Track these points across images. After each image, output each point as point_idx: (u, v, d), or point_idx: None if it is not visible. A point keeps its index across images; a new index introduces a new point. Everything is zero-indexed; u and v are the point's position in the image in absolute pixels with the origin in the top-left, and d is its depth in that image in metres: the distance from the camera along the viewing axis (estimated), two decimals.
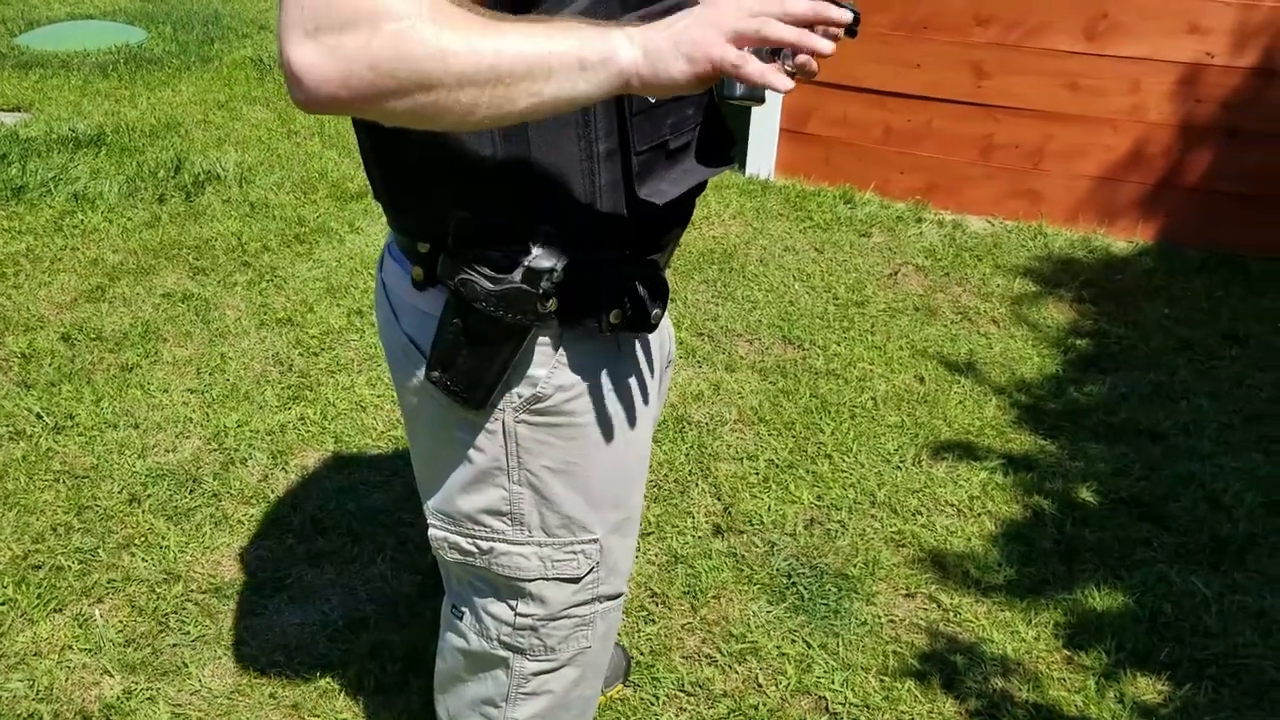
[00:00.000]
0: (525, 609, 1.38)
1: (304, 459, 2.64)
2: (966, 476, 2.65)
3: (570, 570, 1.35)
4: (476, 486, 1.29)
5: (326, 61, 0.87)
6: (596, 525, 1.33)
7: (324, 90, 0.89)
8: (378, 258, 3.67)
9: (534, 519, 1.30)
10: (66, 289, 3.45)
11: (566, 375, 1.22)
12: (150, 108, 5.31)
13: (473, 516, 1.32)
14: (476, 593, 1.41)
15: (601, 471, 1.30)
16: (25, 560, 2.28)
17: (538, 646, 1.43)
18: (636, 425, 1.33)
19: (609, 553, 1.37)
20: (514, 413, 1.23)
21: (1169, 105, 3.85)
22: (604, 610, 1.44)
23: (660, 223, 1.21)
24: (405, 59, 0.88)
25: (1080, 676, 2.08)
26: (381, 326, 1.32)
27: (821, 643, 2.14)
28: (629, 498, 1.37)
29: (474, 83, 0.91)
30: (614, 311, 1.16)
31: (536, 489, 1.28)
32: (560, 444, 1.26)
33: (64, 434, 2.70)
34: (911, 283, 3.70)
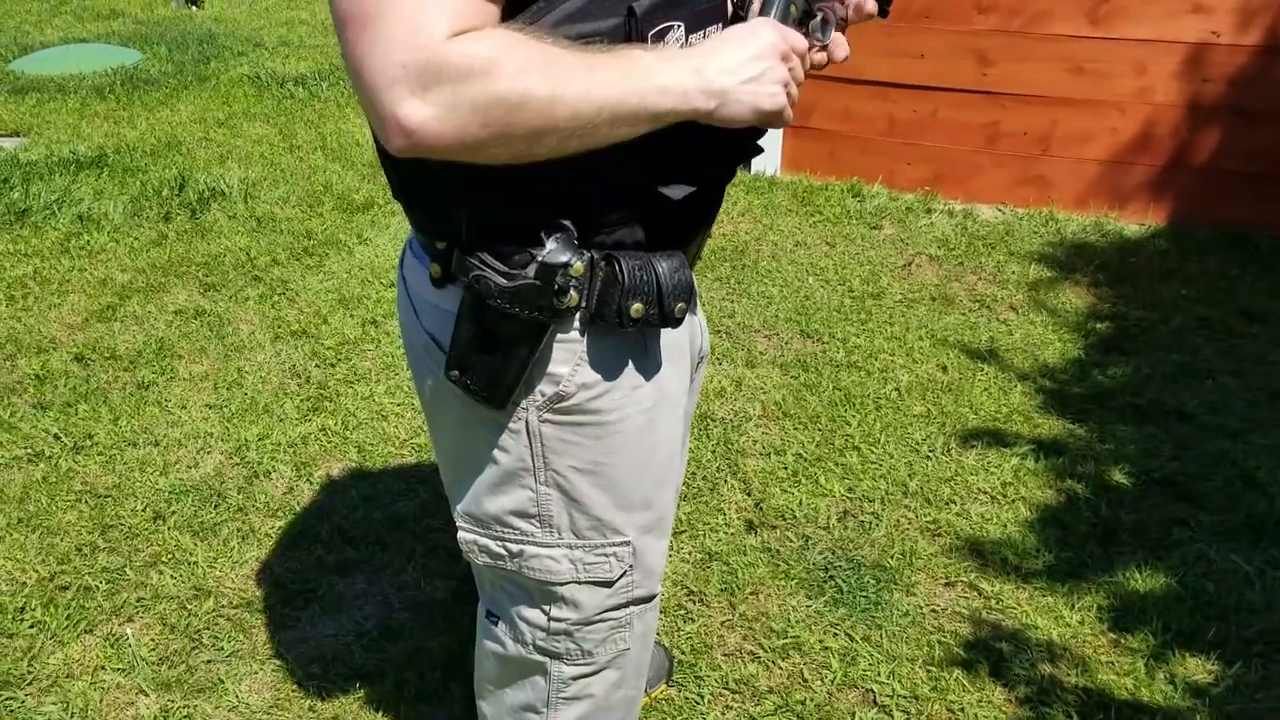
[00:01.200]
0: (559, 613, 1.35)
1: (328, 470, 2.62)
2: (997, 463, 2.63)
3: (603, 574, 1.32)
4: (503, 488, 1.26)
5: (442, 123, 0.91)
6: (628, 527, 1.30)
7: (435, 143, 0.93)
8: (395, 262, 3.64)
9: (563, 521, 1.27)
10: (77, 309, 3.42)
11: (590, 373, 1.19)
12: (150, 128, 5.29)
13: (500, 519, 1.29)
14: (509, 598, 1.38)
15: (631, 471, 1.27)
16: (52, 581, 2.25)
17: (574, 651, 1.40)
18: (666, 423, 1.29)
19: (642, 555, 1.34)
20: (537, 412, 1.20)
21: (1176, 86, 3.84)
22: (640, 612, 1.41)
23: (684, 216, 1.18)
24: (516, 121, 0.94)
25: (1128, 659, 2.05)
26: (403, 325, 1.30)
27: (864, 635, 2.11)
28: (661, 498, 1.34)
29: (575, 135, 0.98)
30: (635, 306, 1.12)
31: (564, 490, 1.25)
32: (587, 444, 1.23)
33: (83, 454, 2.67)
34: (926, 273, 3.68)
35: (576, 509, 1.27)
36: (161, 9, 8.45)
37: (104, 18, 8.18)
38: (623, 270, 1.11)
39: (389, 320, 3.34)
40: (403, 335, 1.32)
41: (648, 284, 1.12)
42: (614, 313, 1.13)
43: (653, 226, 1.15)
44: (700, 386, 1.60)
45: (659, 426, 1.28)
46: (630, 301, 1.12)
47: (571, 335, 1.17)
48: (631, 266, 1.12)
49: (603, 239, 1.13)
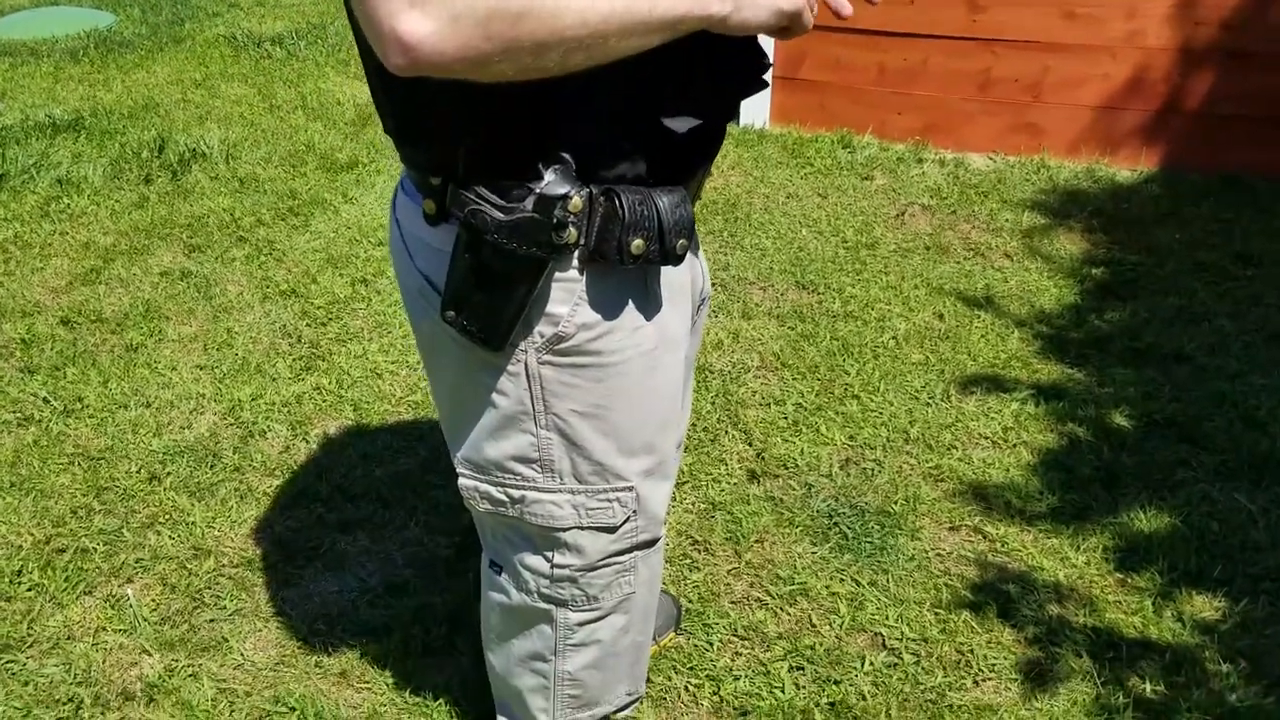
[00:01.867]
0: (561, 560, 1.33)
1: (324, 428, 2.58)
2: (998, 409, 2.62)
3: (606, 519, 1.30)
4: (503, 432, 1.24)
5: (445, 37, 0.87)
6: (630, 471, 1.28)
7: (434, 60, 0.88)
8: (383, 221, 3.59)
9: (565, 465, 1.25)
10: (60, 273, 3.36)
11: (589, 313, 1.16)
12: (126, 90, 5.20)
13: (501, 464, 1.27)
14: (511, 546, 1.36)
15: (633, 414, 1.25)
16: (48, 544, 2.21)
17: (579, 597, 1.38)
18: (668, 366, 1.27)
19: (645, 499, 1.32)
20: (536, 354, 1.17)
21: (1168, 30, 3.81)
22: (644, 556, 1.39)
23: (686, 150, 1.15)
24: (522, 32, 0.89)
25: (1136, 598, 2.05)
26: (397, 267, 1.26)
27: (871, 580, 2.11)
28: (663, 441, 1.32)
29: (582, 46, 0.93)
30: (636, 242, 1.09)
31: (565, 434, 1.23)
32: (587, 386, 1.20)
33: (74, 417, 2.63)
34: (919, 222, 3.66)
35: (578, 453, 1.24)
36: None
37: None
38: (623, 205, 1.08)
39: (379, 279, 3.30)
40: (398, 279, 1.28)
41: (649, 219, 1.09)
42: (614, 249, 1.10)
43: (654, 161, 1.11)
44: (702, 331, 1.57)
45: (661, 368, 1.25)
46: (631, 237, 1.09)
47: (570, 274, 1.14)
48: (632, 201, 1.08)
49: (603, 173, 1.09)
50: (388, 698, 1.85)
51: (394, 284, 3.26)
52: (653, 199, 1.10)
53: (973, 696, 1.85)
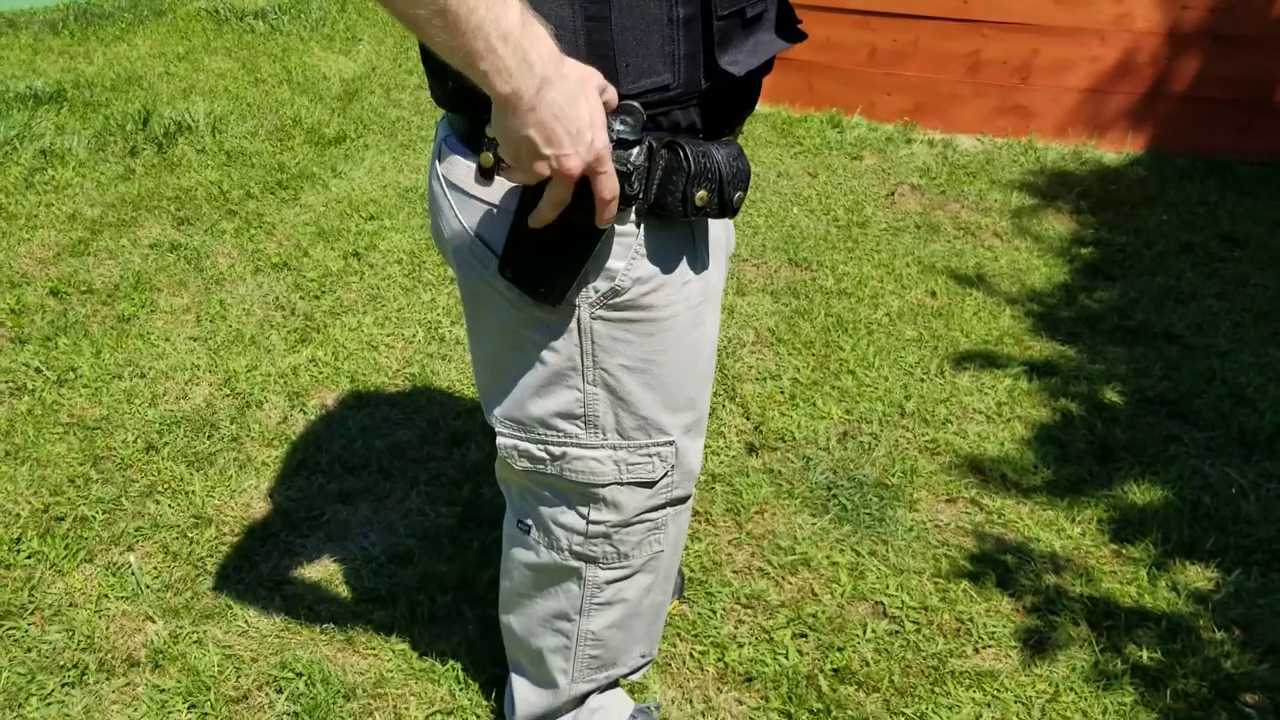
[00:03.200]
0: (598, 515, 1.34)
1: (321, 399, 2.58)
2: (991, 384, 2.65)
3: (645, 474, 1.31)
4: (549, 389, 1.25)
5: None
6: (673, 427, 1.29)
7: None
8: (372, 196, 3.58)
9: (609, 421, 1.26)
10: (48, 244, 3.33)
11: (646, 266, 1.16)
12: (108, 63, 5.14)
13: (544, 421, 1.27)
14: (544, 503, 1.37)
15: (679, 369, 1.26)
16: (46, 512, 2.20)
17: (611, 554, 1.39)
18: (710, 320, 1.28)
19: (684, 454, 1.33)
20: (590, 309, 1.17)
21: (1156, 13, 3.84)
22: (675, 514, 1.41)
23: (736, 99, 1.16)
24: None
25: (1131, 568, 2.08)
26: (441, 229, 1.24)
27: (871, 550, 2.13)
28: (702, 397, 1.33)
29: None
30: (699, 194, 1.09)
31: (612, 389, 1.24)
32: (638, 340, 1.21)
33: (68, 387, 2.61)
34: (909, 202, 3.68)
35: (624, 408, 1.25)
36: None
37: None
38: (687, 156, 1.08)
39: (371, 252, 3.29)
40: (439, 240, 1.27)
41: (711, 170, 1.09)
42: (678, 200, 1.09)
43: (709, 107, 1.12)
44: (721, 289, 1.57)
45: (705, 322, 1.27)
46: (695, 189, 1.09)
47: (628, 228, 1.14)
48: (695, 153, 1.08)
49: (661, 122, 1.10)
50: (394, 664, 1.86)
51: (386, 257, 3.25)
52: (711, 151, 1.10)
53: (973, 663, 1.88)
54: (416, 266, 3.21)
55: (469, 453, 2.38)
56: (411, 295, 3.05)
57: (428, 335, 2.85)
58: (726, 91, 1.12)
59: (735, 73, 1.09)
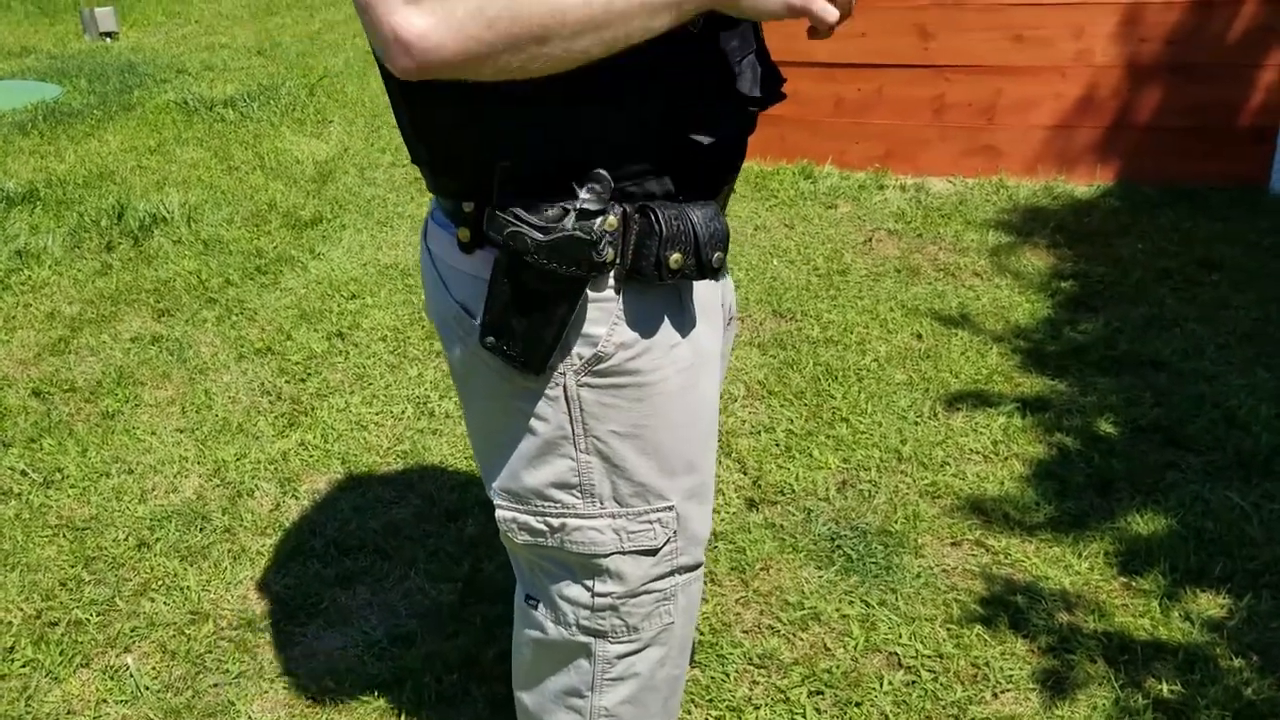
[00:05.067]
0: (603, 587, 1.31)
1: (313, 484, 2.55)
2: (985, 423, 2.64)
3: (647, 541, 1.28)
4: (542, 459, 1.22)
5: (441, 28, 0.86)
6: (672, 491, 1.26)
7: (437, 57, 0.88)
8: (353, 275, 3.57)
9: (606, 489, 1.23)
10: (27, 345, 3.30)
11: (627, 332, 1.15)
12: (79, 160, 5.15)
13: (540, 492, 1.25)
14: (549, 578, 1.34)
15: (673, 433, 1.23)
16: (39, 618, 2.16)
17: (620, 627, 1.36)
18: (705, 383, 1.26)
19: (686, 520, 1.30)
20: (575, 376, 1.16)
21: (1114, 47, 3.90)
22: (684, 582, 1.37)
23: (713, 163, 1.16)
24: (521, 18, 0.87)
25: (1142, 600, 2.07)
26: (430, 299, 1.25)
27: (880, 600, 2.10)
28: (703, 460, 1.30)
29: (589, 29, 0.91)
30: (674, 256, 1.08)
31: (606, 457, 1.21)
32: (627, 406, 1.19)
33: (55, 488, 2.57)
34: (887, 247, 3.70)
35: (619, 475, 1.23)
36: (75, 43, 8.25)
37: (15, 55, 7.95)
38: (659, 219, 1.08)
39: (355, 332, 3.27)
40: (430, 310, 1.27)
41: (685, 233, 1.09)
42: (652, 265, 1.09)
43: (683, 175, 1.12)
44: (730, 354, 1.56)
45: (698, 386, 1.25)
46: (669, 252, 1.08)
47: (606, 294, 1.13)
48: (668, 216, 1.08)
49: (633, 190, 1.09)
50: None
51: (370, 335, 3.24)
52: (687, 213, 1.09)
53: (994, 709, 1.85)
54: (401, 343, 3.20)
55: (466, 527, 2.35)
56: (398, 372, 3.03)
57: (417, 411, 2.83)
58: (701, 158, 1.12)
59: (703, 141, 1.09)
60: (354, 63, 6.85)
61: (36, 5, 10.04)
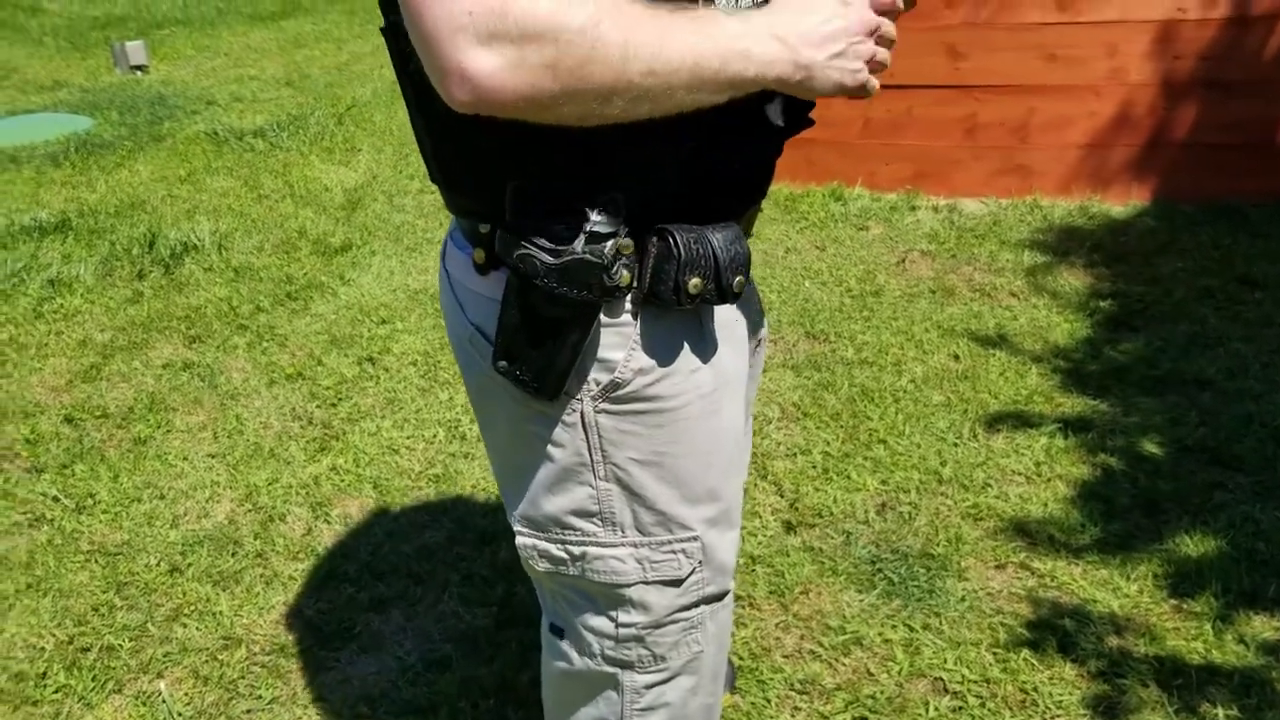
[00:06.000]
0: (627, 618, 1.27)
1: (345, 508, 2.53)
2: (1026, 444, 2.59)
3: (671, 572, 1.24)
4: (561, 486, 1.19)
5: (510, 74, 0.86)
6: (694, 520, 1.22)
7: (498, 98, 0.88)
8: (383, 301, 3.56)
9: (626, 517, 1.20)
10: (59, 372, 3.31)
11: (645, 358, 1.12)
12: (110, 190, 5.18)
13: (560, 520, 1.22)
14: (572, 608, 1.30)
15: (695, 461, 1.20)
16: (72, 644, 2.14)
17: (646, 658, 1.31)
18: (729, 408, 1.22)
19: (711, 549, 1.26)
20: (593, 402, 1.13)
21: (1148, 65, 3.86)
22: (712, 611, 1.32)
23: (737, 186, 1.13)
24: (588, 75, 0.88)
25: (1195, 623, 2.01)
26: (448, 320, 1.23)
27: (924, 624, 2.06)
28: (727, 488, 1.26)
29: (649, 97, 0.92)
30: (693, 281, 1.06)
31: (625, 484, 1.18)
32: (646, 433, 1.16)
33: (87, 513, 2.56)
34: (920, 268, 3.66)
35: (639, 504, 1.19)
36: (106, 76, 8.33)
37: (48, 89, 8.04)
38: (678, 243, 1.05)
39: (385, 356, 3.26)
40: (448, 332, 1.25)
41: (704, 257, 1.06)
42: (670, 289, 1.06)
43: (704, 198, 1.09)
44: (760, 375, 1.53)
45: (721, 412, 1.21)
46: (688, 276, 1.05)
47: (624, 318, 1.10)
48: (687, 239, 1.05)
49: (654, 212, 1.06)
50: None
51: (401, 360, 3.23)
52: (707, 236, 1.06)
53: None
54: (432, 367, 3.18)
55: (500, 550, 2.32)
56: (429, 395, 3.01)
57: (448, 434, 2.81)
58: (724, 184, 1.09)
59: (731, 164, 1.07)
60: (381, 93, 6.88)
61: (68, 40, 10.18)
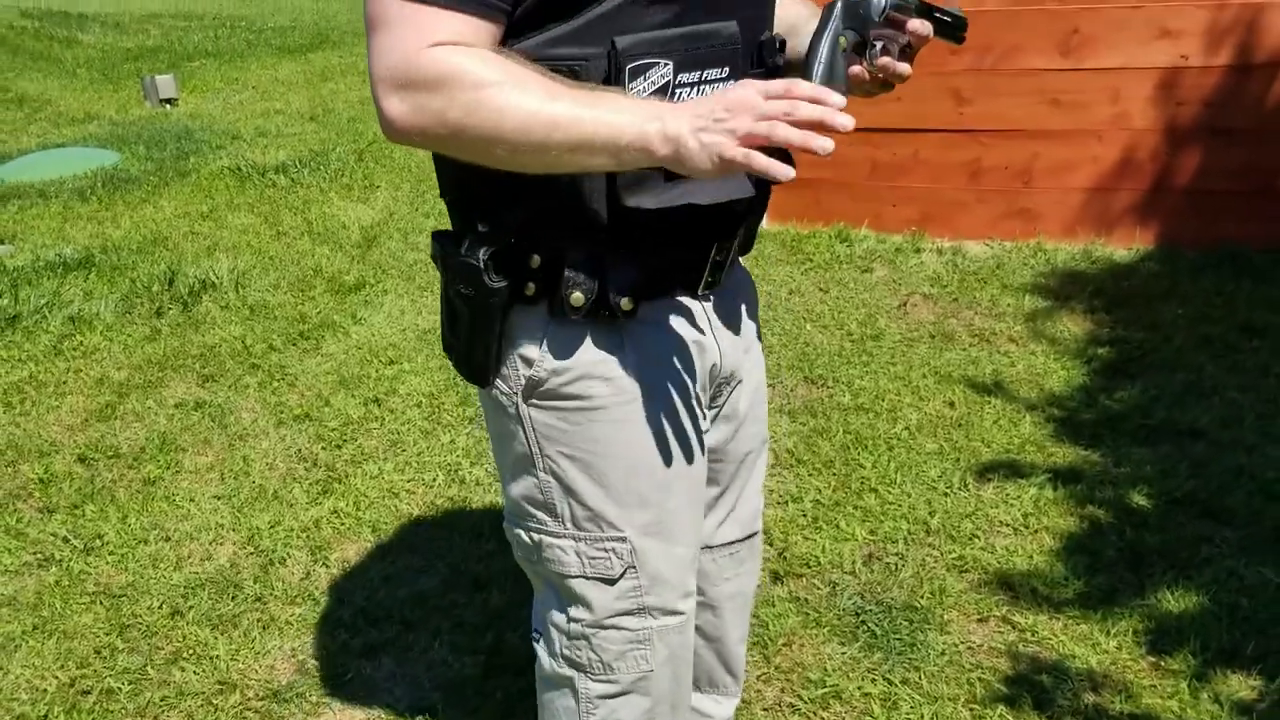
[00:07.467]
0: (575, 613, 1.37)
1: (344, 552, 2.58)
2: (1016, 495, 2.62)
3: (604, 569, 1.34)
4: (517, 474, 1.34)
5: (411, 116, 1.07)
6: (623, 523, 1.32)
7: (407, 137, 1.09)
8: (391, 340, 3.62)
9: (565, 510, 1.32)
10: (76, 410, 3.39)
11: (556, 359, 1.24)
12: (134, 226, 5.30)
13: (520, 506, 1.35)
14: (543, 603, 1.42)
15: (619, 464, 1.30)
16: (73, 686, 2.20)
17: (595, 662, 1.40)
18: (655, 421, 1.30)
19: (645, 556, 1.34)
20: (523, 395, 1.27)
21: (1152, 111, 3.89)
22: (659, 629, 1.39)
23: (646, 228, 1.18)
24: (470, 126, 1.06)
25: (1171, 681, 2.03)
26: None
27: (903, 678, 2.08)
28: (661, 498, 1.33)
29: (528, 150, 1.06)
30: (574, 295, 1.19)
31: (559, 478, 1.30)
32: (571, 430, 1.28)
33: (95, 554, 2.63)
34: (922, 311, 3.69)
35: (572, 498, 1.31)
36: (136, 109, 8.52)
37: (79, 121, 8.23)
38: (567, 261, 1.18)
39: (390, 398, 3.33)
40: None
41: (588, 276, 1.19)
42: (559, 301, 1.20)
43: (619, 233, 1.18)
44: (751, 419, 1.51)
45: (645, 423, 1.29)
46: (569, 290, 1.19)
47: (537, 321, 1.23)
48: (575, 258, 1.18)
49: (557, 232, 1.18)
50: None
51: (406, 401, 3.29)
52: (599, 257, 1.19)
53: None
54: (435, 409, 3.24)
55: (491, 597, 2.37)
56: (431, 438, 3.07)
57: (448, 478, 2.86)
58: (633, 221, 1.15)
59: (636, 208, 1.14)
60: None
61: (101, 71, 10.41)
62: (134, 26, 13.27)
